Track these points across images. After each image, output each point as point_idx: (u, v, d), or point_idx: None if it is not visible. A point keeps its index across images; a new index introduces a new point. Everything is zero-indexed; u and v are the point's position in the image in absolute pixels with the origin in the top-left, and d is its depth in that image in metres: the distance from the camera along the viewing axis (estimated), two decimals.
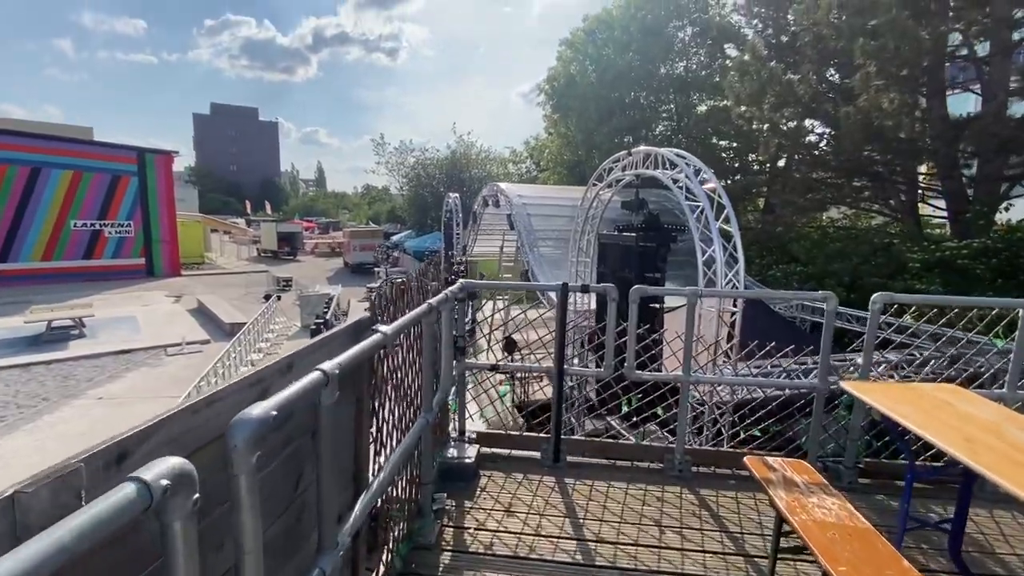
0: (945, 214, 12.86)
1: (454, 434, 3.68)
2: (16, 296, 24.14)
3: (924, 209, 14.38)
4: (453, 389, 3.42)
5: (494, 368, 3.41)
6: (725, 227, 5.50)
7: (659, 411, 3.80)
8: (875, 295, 3.23)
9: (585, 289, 3.26)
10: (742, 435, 3.91)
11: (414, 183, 37.90)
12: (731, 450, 3.63)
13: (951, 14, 10.11)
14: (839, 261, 12.02)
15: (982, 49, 11.32)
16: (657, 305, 6.62)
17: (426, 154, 37.42)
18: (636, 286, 3.30)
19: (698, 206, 5.71)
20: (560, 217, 13.34)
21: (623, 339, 3.33)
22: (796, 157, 14.77)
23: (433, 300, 2.85)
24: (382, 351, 2.27)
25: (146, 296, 25.94)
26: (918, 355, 4.57)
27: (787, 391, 3.77)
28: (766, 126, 12.85)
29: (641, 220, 6.83)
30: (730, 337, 5.44)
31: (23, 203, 27.34)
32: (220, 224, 49.10)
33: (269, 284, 28.08)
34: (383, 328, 1.96)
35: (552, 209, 13.44)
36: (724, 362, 5.43)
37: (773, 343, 4.10)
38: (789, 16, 12.75)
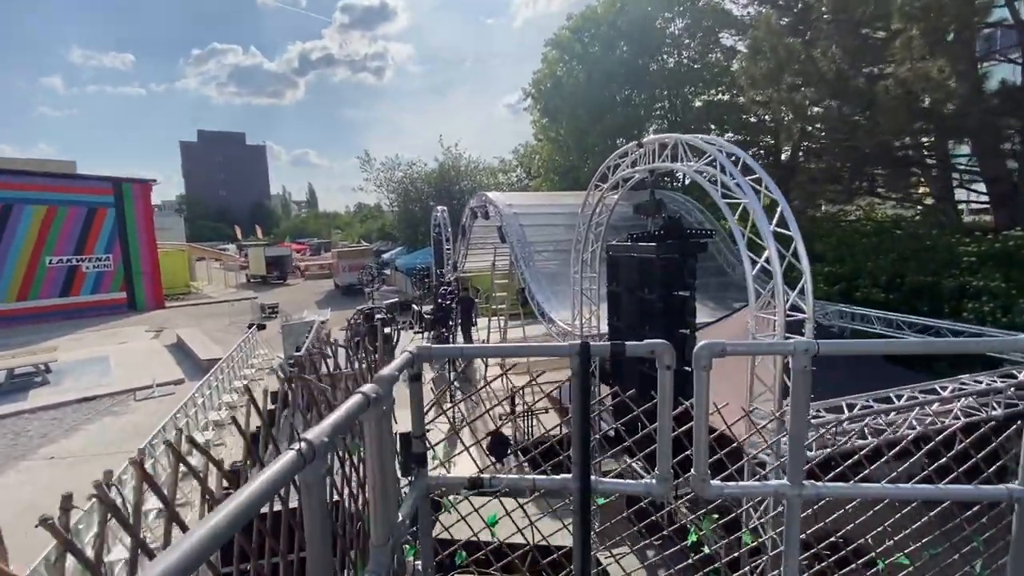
0: (985, 200, 11.62)
1: None
2: None
3: (955, 195, 13.09)
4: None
5: (475, 486, 2.05)
6: (779, 229, 4.20)
7: (746, 537, 2.44)
8: None
9: (619, 352, 1.90)
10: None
11: (403, 198, 36.68)
12: None
13: None
14: (875, 258, 10.70)
15: None
16: (687, 331, 5.29)
17: (413, 168, 36.24)
18: (706, 343, 1.95)
19: (739, 204, 4.41)
20: (557, 226, 12.06)
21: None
22: (812, 145, 13.50)
23: (366, 388, 1.55)
24: None
25: (125, 332, 24.56)
26: None
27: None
28: (784, 112, 11.52)
29: (659, 226, 5.54)
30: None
31: None
32: (206, 252, 47.82)
33: (254, 312, 26.70)
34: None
35: (548, 218, 12.16)
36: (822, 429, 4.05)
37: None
38: None
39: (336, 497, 3.18)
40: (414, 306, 19.68)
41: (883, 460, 2.61)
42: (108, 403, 14.67)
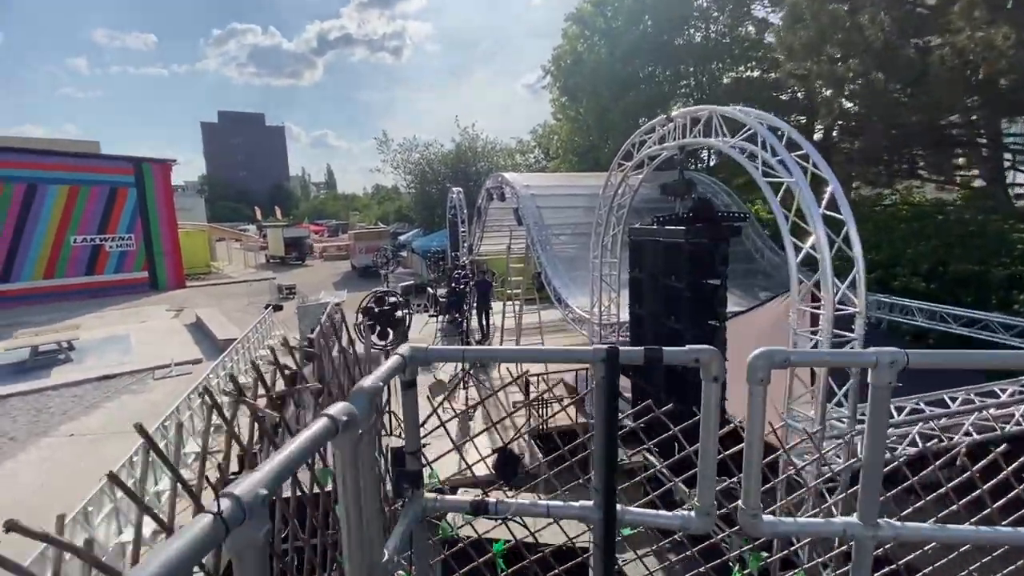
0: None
1: None
2: (17, 317, 23.31)
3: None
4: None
5: (478, 511, 1.73)
6: (827, 212, 3.72)
7: None
8: None
9: (655, 359, 1.55)
10: None
11: (419, 180, 36.32)
12: None
13: None
14: (915, 245, 10.01)
15: None
16: (716, 322, 4.88)
17: (429, 149, 35.77)
18: (765, 351, 1.57)
19: (780, 184, 3.93)
20: (575, 208, 11.59)
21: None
22: (850, 123, 12.67)
23: (335, 409, 1.22)
24: None
25: (146, 311, 24.91)
26: None
27: None
28: (823, 86, 10.73)
29: (688, 208, 5.08)
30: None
31: (21, 221, 26.50)
32: (226, 232, 48.34)
33: (272, 293, 26.83)
34: None
35: (566, 200, 11.69)
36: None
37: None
38: None
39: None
40: (429, 289, 19.45)
41: (963, 480, 2.22)
42: (128, 381, 14.83)
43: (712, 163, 22.67)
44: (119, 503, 7.13)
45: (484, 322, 15.79)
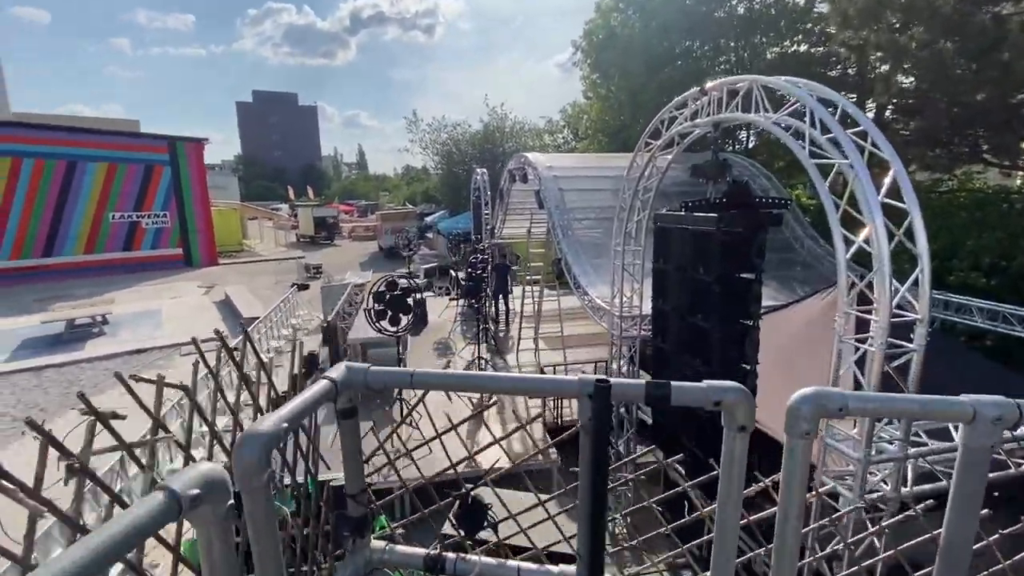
0: None
1: None
2: (59, 290, 24.29)
3: None
4: None
5: (433, 568, 1.37)
6: (887, 200, 3.13)
7: None
8: None
9: (661, 398, 1.12)
10: None
11: (447, 161, 35.93)
12: None
13: None
14: (975, 236, 9.10)
15: None
16: (749, 322, 4.37)
17: (457, 129, 35.24)
18: (813, 393, 1.12)
19: (832, 166, 3.35)
20: (601, 191, 11.01)
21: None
22: (907, 101, 11.54)
23: (180, 482, 0.86)
24: None
25: (178, 287, 25.59)
26: None
27: None
28: (881, 59, 9.71)
29: (722, 192, 4.54)
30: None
31: (62, 198, 27.45)
32: (258, 211, 49.25)
33: (299, 272, 27.16)
34: None
35: (592, 182, 11.11)
36: None
37: None
38: None
39: None
40: (451, 271, 19.21)
41: None
42: (156, 356, 15.20)
43: (750, 144, 21.46)
44: (130, 482, 7.17)
45: (504, 308, 15.47)
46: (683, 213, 4.94)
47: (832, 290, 5.83)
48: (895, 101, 11.08)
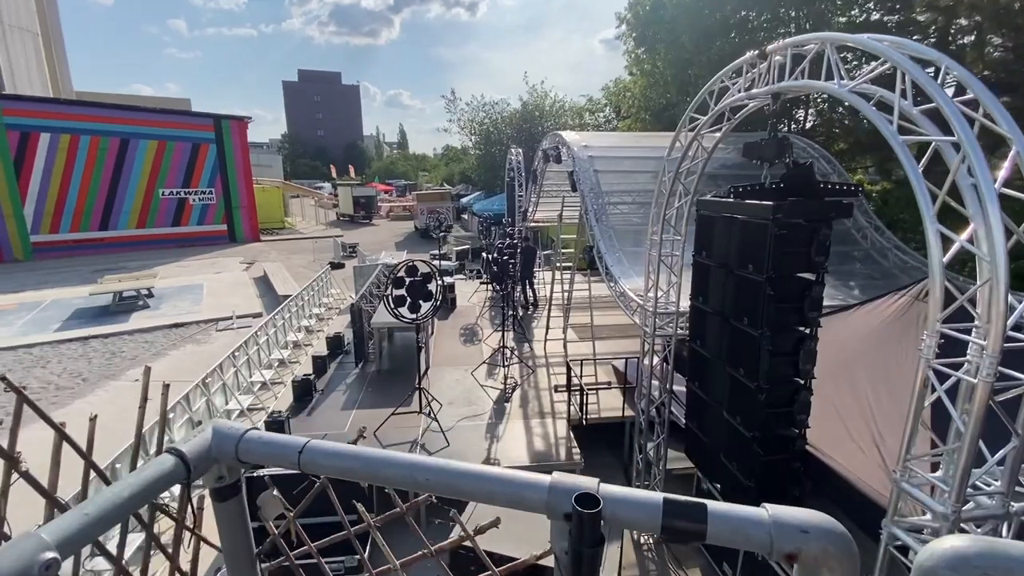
0: None
1: None
2: (114, 262, 25.49)
3: None
4: None
5: None
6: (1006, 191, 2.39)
7: None
8: None
9: (690, 533, 0.53)
10: None
11: (484, 140, 35.29)
12: None
13: None
14: None
15: None
16: (805, 330, 3.69)
17: (495, 108, 34.45)
18: (954, 550, 0.54)
19: (928, 144, 2.62)
20: (641, 173, 10.24)
21: None
22: (1000, 75, 10.04)
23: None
24: None
25: (221, 263, 26.34)
26: None
27: None
28: (972, 28, 8.42)
29: (780, 177, 3.82)
30: None
31: (116, 173, 28.59)
32: (300, 189, 50.24)
33: (336, 250, 27.44)
34: None
35: (631, 163, 10.35)
36: None
37: None
38: None
39: None
40: (483, 254, 18.79)
41: None
42: (194, 330, 15.57)
43: (807, 124, 19.82)
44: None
45: (529, 293, 14.95)
46: (731, 200, 4.26)
47: (905, 292, 5.02)
48: (986, 73, 9.70)
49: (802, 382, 3.92)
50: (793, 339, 3.84)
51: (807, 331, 3.82)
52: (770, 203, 3.67)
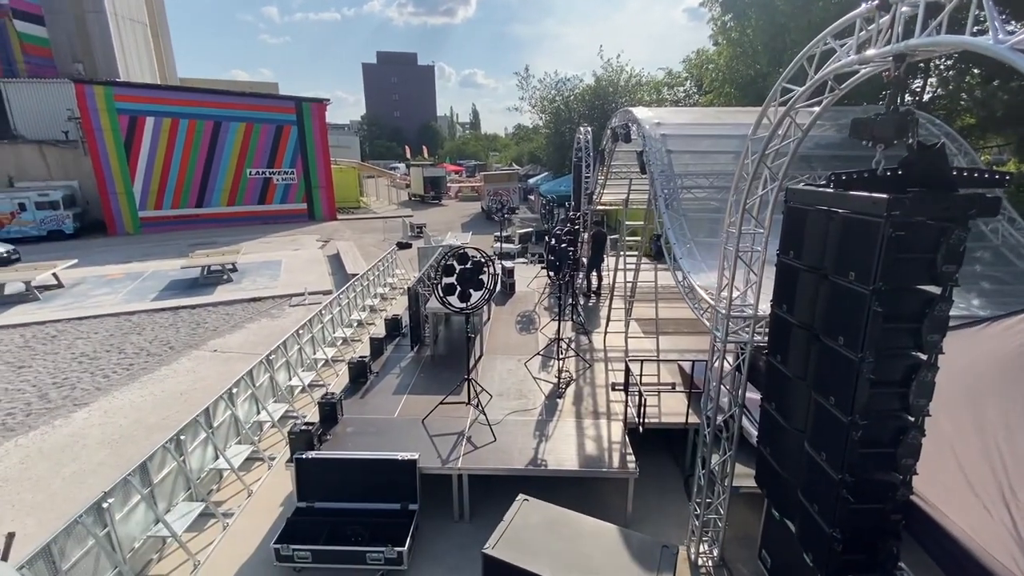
0: None
1: None
2: (207, 237, 27.67)
3: None
4: None
5: None
6: None
7: None
8: None
9: None
10: None
11: (555, 119, 34.25)
12: None
13: None
14: None
15: None
16: (922, 356, 2.89)
17: (568, 85, 33.24)
18: None
19: None
20: (723, 153, 9.17)
21: None
22: None
23: None
24: None
25: (300, 240, 27.74)
26: None
27: None
28: None
29: (900, 162, 2.98)
30: None
31: (210, 154, 30.79)
32: (375, 170, 51.81)
33: (404, 230, 28.00)
34: None
35: (709, 142, 9.30)
36: None
37: None
38: None
39: None
40: (547, 238, 18.21)
41: None
42: (269, 305, 16.43)
43: (925, 97, 17.15)
44: (213, 435, 7.50)
45: (595, 279, 14.27)
46: (831, 190, 3.45)
47: None
48: None
49: (912, 419, 3.13)
50: (904, 367, 3.03)
51: (925, 358, 3.01)
52: (885, 196, 2.86)
